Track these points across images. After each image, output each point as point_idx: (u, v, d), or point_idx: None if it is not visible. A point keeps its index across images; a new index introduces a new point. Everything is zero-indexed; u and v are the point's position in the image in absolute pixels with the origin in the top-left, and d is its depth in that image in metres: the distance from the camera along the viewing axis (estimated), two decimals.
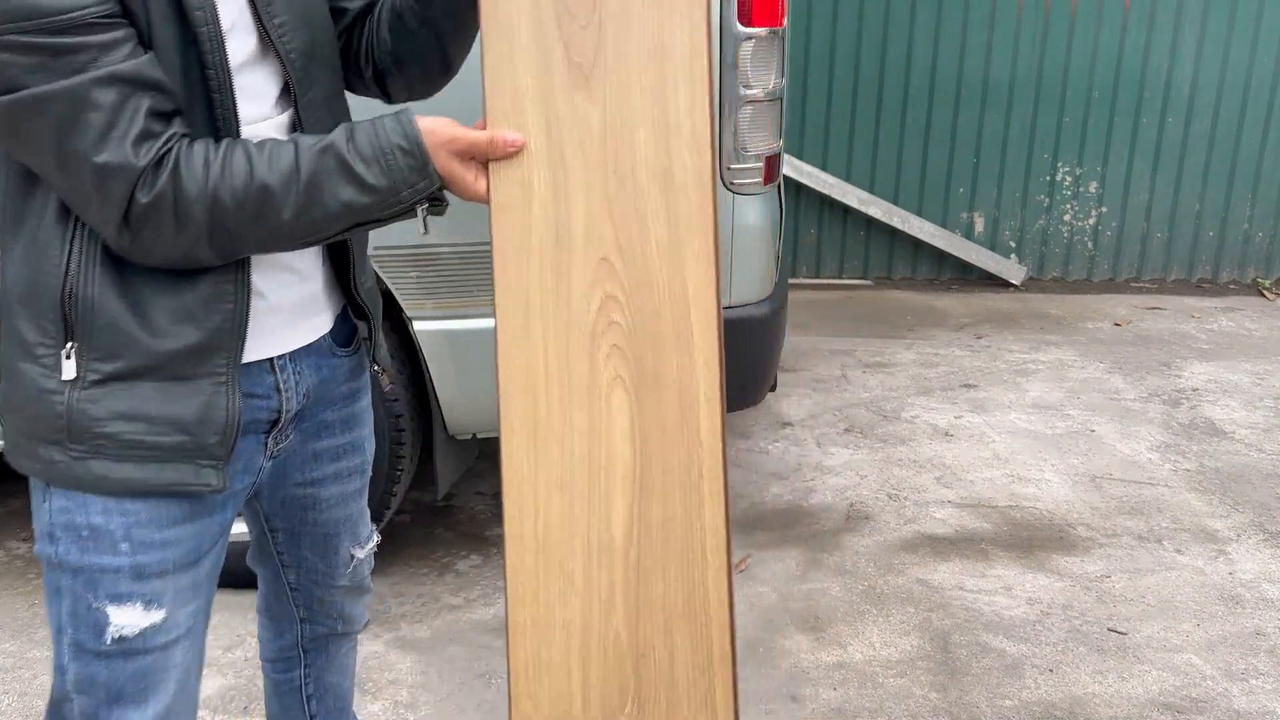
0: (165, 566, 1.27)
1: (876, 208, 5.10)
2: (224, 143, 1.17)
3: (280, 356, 1.33)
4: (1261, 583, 2.77)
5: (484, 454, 3.18)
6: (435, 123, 1.22)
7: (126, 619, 1.26)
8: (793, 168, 4.97)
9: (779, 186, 2.70)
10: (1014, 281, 5.17)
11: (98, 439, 1.21)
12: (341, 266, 1.42)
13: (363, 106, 1.45)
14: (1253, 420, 3.72)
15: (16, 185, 1.20)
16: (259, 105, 1.25)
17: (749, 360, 2.56)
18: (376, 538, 1.63)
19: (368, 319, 1.46)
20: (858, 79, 5.04)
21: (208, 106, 1.19)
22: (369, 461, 1.55)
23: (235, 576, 1.77)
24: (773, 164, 2.48)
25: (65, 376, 1.20)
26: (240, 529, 2.63)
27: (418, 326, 2.44)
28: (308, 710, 1.69)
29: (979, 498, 3.18)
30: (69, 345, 1.19)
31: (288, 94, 1.29)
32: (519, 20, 1.22)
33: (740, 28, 2.33)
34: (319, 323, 1.39)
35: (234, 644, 2.49)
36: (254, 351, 1.29)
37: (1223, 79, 4.98)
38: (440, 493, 2.67)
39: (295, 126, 1.30)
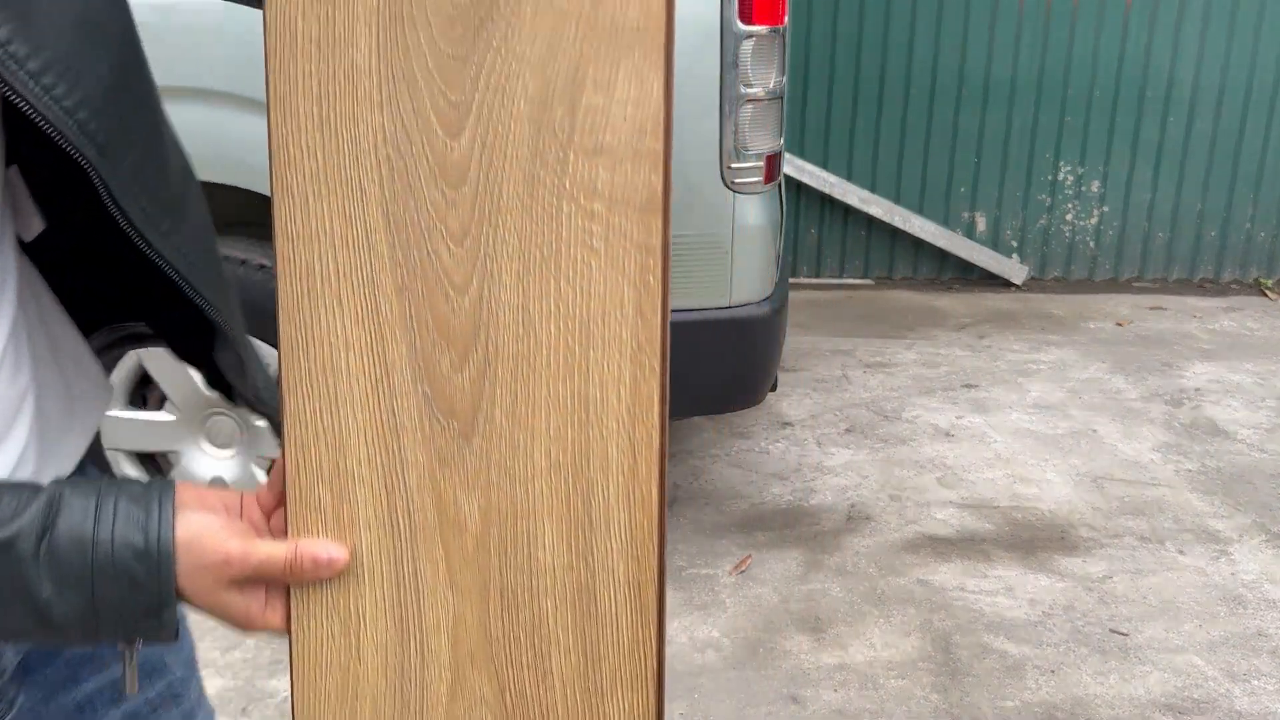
0: None
1: (877, 207, 5.09)
2: None
3: None
4: (1264, 583, 2.76)
5: None
6: (205, 526, 0.70)
7: None
8: (793, 167, 4.97)
9: (779, 185, 2.70)
10: (1015, 281, 5.16)
11: None
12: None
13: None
14: (1255, 420, 3.71)
15: None
16: None
17: (749, 360, 2.56)
18: None
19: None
20: (859, 77, 5.03)
21: None
22: (185, 696, 0.98)
23: None
24: (773, 163, 2.47)
25: None
26: None
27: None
28: None
29: (980, 498, 3.17)
30: None
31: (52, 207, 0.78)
32: (341, 353, 0.73)
33: (741, 26, 2.32)
34: None
35: (232, 645, 2.48)
36: None
37: (1224, 78, 4.97)
38: None
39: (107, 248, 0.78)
